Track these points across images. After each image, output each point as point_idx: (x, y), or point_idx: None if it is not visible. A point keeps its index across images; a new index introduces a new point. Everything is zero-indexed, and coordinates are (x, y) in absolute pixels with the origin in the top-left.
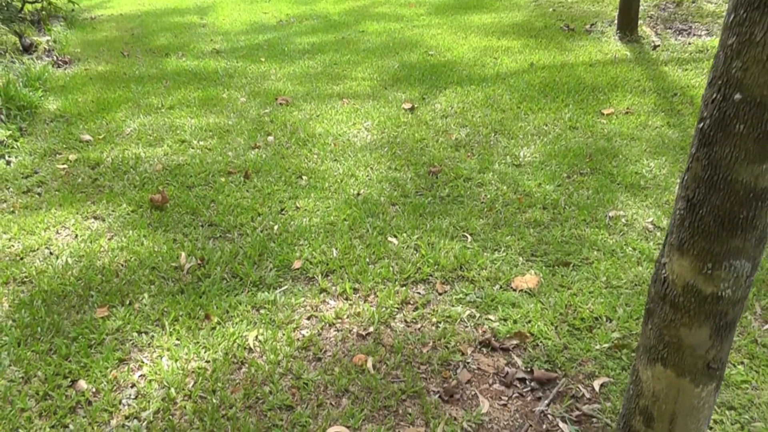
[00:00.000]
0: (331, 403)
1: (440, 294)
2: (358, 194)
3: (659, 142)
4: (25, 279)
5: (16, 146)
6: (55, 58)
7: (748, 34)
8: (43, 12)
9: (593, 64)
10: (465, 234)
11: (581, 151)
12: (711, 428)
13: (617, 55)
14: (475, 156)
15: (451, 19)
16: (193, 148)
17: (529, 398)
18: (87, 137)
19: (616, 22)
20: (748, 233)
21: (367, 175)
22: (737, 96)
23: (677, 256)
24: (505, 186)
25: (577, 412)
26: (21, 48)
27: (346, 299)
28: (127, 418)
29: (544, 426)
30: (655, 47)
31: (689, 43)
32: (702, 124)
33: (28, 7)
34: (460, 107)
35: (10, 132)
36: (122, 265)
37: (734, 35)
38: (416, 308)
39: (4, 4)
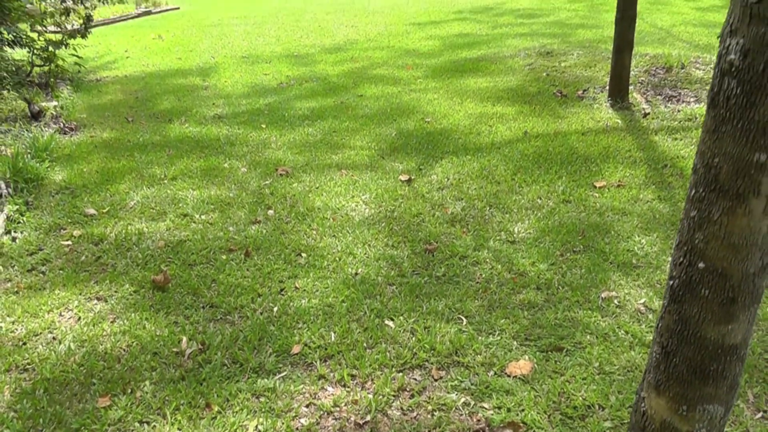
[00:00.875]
0: None
1: (436, 380)
2: (356, 274)
3: (650, 217)
4: (27, 366)
5: (22, 221)
6: (61, 124)
7: (707, 211)
8: (52, 79)
9: (585, 132)
10: (460, 316)
11: (574, 227)
12: None
13: (609, 123)
14: (470, 232)
15: (448, 82)
16: (194, 222)
17: None
18: (91, 211)
19: (607, 88)
20: (719, 382)
21: (365, 253)
22: (701, 264)
23: (654, 395)
24: (499, 265)
25: None
26: (30, 115)
27: (344, 386)
28: None
29: None
30: (645, 115)
31: (678, 111)
32: (672, 282)
33: (37, 69)
34: (456, 179)
35: (17, 206)
36: (124, 350)
37: (695, 209)
38: (412, 395)
39: (14, 68)
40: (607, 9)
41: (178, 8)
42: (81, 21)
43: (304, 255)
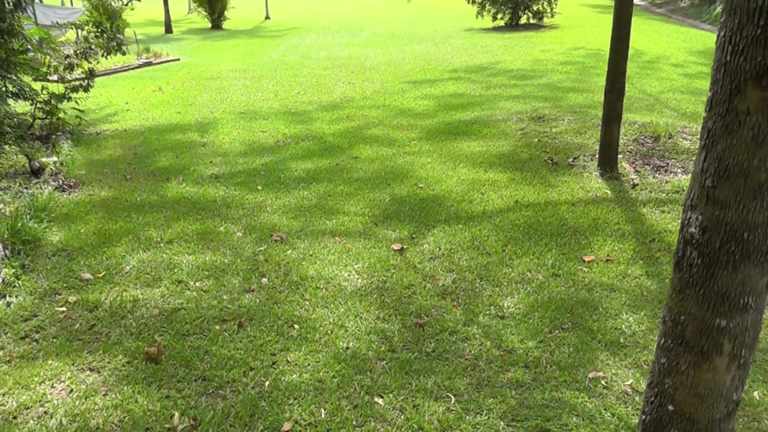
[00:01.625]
0: None
1: None
2: (347, 348)
3: (638, 294)
4: None
5: (17, 285)
6: (61, 181)
7: (675, 361)
8: (54, 136)
9: (575, 203)
10: (449, 394)
11: (563, 302)
12: None
13: (598, 194)
14: (460, 306)
15: (441, 145)
16: (189, 289)
17: None
18: (87, 275)
19: (597, 156)
20: None
21: (357, 326)
22: (670, 407)
23: None
24: (488, 341)
25: None
26: (30, 171)
27: None
28: None
29: None
30: (634, 186)
31: (666, 182)
32: (644, 417)
33: (38, 122)
34: (448, 248)
35: (14, 270)
36: (116, 426)
37: (665, 357)
38: None
39: (16, 122)
40: (597, 73)
41: (179, 59)
42: (84, 75)
43: (296, 327)
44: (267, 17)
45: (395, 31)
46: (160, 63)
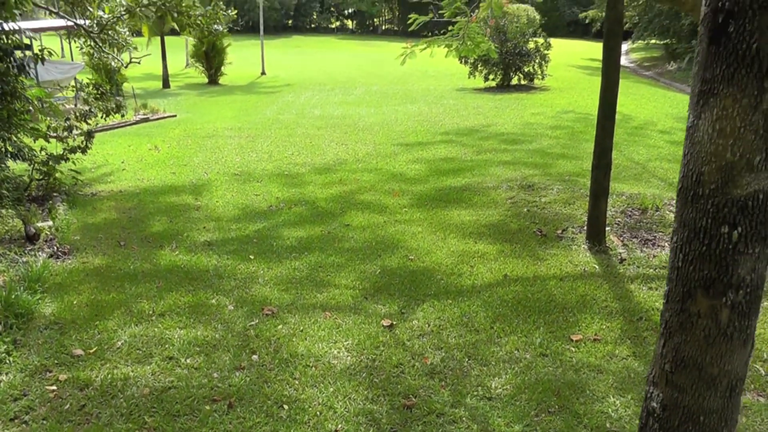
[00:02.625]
0: None
1: None
2: (336, 431)
3: (625, 375)
4: None
5: (8, 361)
6: (55, 248)
7: None
8: (50, 201)
9: (564, 277)
10: None
11: (550, 384)
12: None
13: (586, 269)
14: (448, 386)
15: (432, 213)
16: (180, 366)
17: None
18: (78, 351)
19: (585, 229)
20: None
21: (345, 408)
22: None
23: None
24: (475, 425)
25: None
26: (25, 236)
27: None
28: None
29: None
30: (621, 260)
31: (654, 256)
32: None
33: (35, 182)
34: (437, 325)
35: (5, 346)
36: None
37: None
38: None
39: (13, 185)
40: (586, 138)
41: (175, 116)
42: (82, 137)
43: (285, 407)
44: (263, 72)
45: (388, 89)
46: (157, 119)
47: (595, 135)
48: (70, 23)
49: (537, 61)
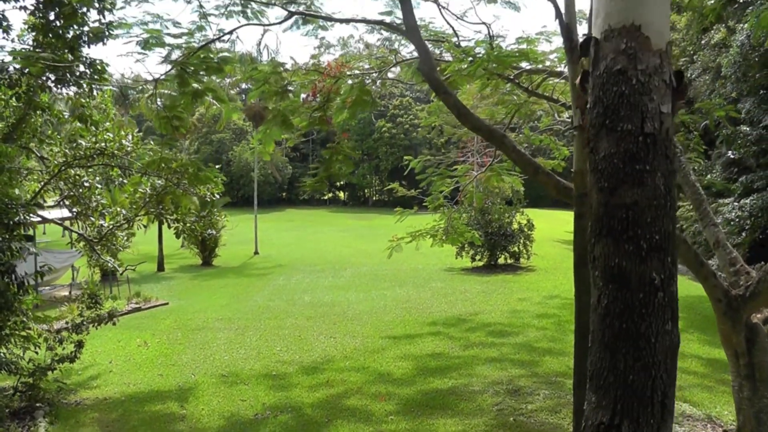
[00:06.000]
0: None
1: None
2: None
3: None
4: None
5: None
6: None
7: None
8: (31, 414)
9: None
10: None
11: None
12: None
13: None
14: None
15: (418, 423)
16: None
17: None
18: None
19: None
20: None
21: None
22: None
23: None
24: None
25: None
26: None
27: None
28: None
29: None
30: None
31: None
32: None
33: (18, 394)
34: None
35: None
36: None
37: None
38: None
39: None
40: (572, 329)
41: (167, 303)
42: (72, 347)
43: None
44: (256, 252)
45: (378, 269)
46: (149, 308)
47: (574, 355)
48: (71, 216)
49: (522, 241)
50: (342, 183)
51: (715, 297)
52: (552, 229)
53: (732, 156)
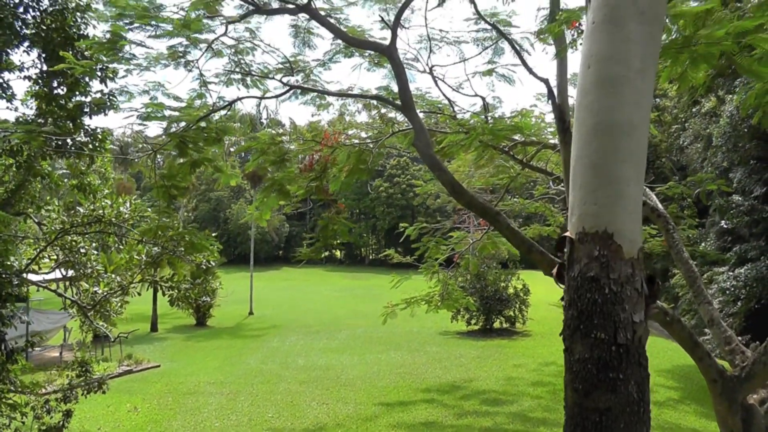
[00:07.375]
0: None
1: None
2: None
3: None
4: None
5: None
6: None
7: None
8: None
9: None
10: None
11: None
12: None
13: None
14: None
15: None
16: None
17: None
18: None
19: None
20: None
21: None
22: None
23: None
24: None
25: None
26: None
27: None
28: None
29: None
30: None
31: None
32: None
33: None
34: None
35: None
36: None
37: None
38: None
39: None
40: None
41: (159, 366)
42: (60, 416)
43: None
44: (251, 312)
45: (373, 332)
46: (141, 371)
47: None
48: (63, 277)
49: (517, 305)
50: (338, 242)
51: (711, 378)
52: (548, 293)
53: (725, 225)
